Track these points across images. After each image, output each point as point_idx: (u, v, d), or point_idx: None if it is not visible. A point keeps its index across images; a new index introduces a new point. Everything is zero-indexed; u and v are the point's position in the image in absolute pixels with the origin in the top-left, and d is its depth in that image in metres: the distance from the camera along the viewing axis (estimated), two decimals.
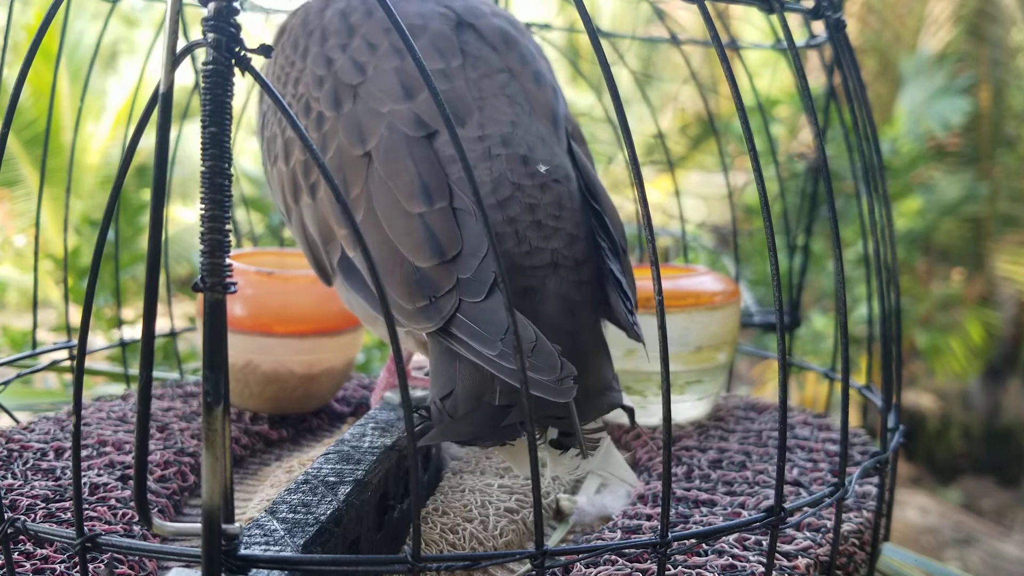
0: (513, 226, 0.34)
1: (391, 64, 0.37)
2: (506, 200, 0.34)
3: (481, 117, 0.36)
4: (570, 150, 0.38)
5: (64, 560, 0.34)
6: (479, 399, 0.32)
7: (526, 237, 0.34)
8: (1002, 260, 3.22)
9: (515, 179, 0.35)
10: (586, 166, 0.38)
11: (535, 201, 0.35)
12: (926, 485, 3.02)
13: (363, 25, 0.38)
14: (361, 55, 0.37)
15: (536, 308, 0.33)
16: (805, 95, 0.31)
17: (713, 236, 0.88)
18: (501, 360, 0.30)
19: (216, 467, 0.22)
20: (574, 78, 2.91)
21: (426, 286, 0.32)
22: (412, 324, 0.33)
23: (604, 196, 0.37)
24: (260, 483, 0.47)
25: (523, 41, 0.40)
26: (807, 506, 0.31)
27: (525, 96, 0.37)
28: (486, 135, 0.35)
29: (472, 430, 0.32)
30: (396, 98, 0.36)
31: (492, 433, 0.32)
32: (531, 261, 0.34)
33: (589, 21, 0.27)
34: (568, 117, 0.40)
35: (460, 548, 0.38)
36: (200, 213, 0.22)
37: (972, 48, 3.18)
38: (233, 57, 0.22)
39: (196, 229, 0.66)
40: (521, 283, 0.33)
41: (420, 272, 0.33)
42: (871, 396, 0.49)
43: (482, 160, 0.35)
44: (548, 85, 0.39)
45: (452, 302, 0.32)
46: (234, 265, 0.52)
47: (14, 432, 0.47)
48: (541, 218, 0.34)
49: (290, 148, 0.39)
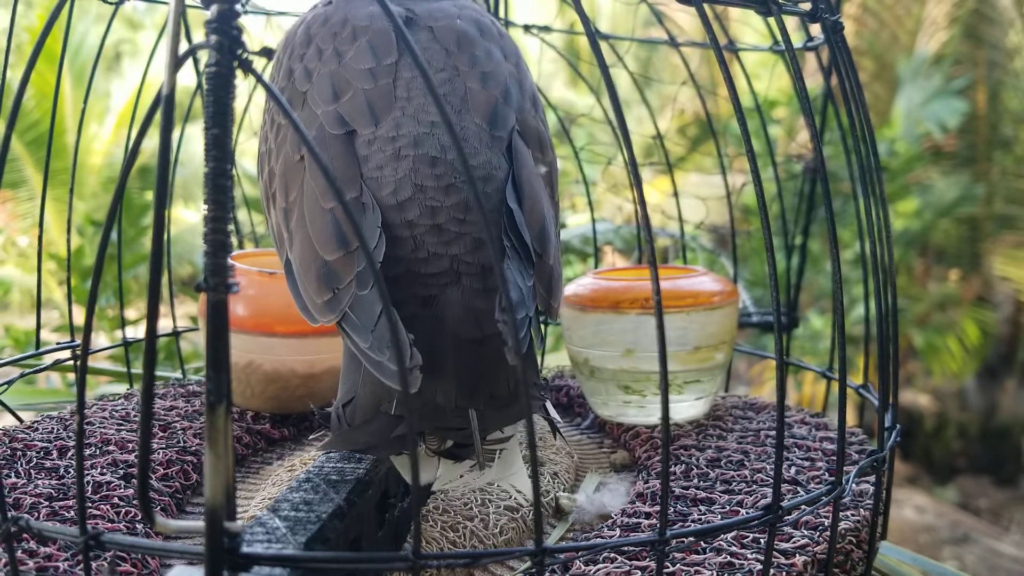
0: (411, 230, 0.34)
1: (330, 67, 0.37)
2: (406, 201, 0.34)
3: (401, 117, 0.36)
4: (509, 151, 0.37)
5: (67, 558, 0.34)
6: (377, 408, 0.32)
7: (424, 242, 0.33)
8: (998, 260, 3.23)
9: (418, 180, 0.34)
10: (524, 167, 0.36)
11: (437, 204, 0.34)
12: (923, 484, 3.03)
13: (319, 33, 0.39)
14: (311, 62, 0.38)
15: (438, 316, 0.33)
16: (803, 97, 0.32)
17: (711, 237, 0.88)
18: (371, 352, 0.30)
19: (219, 465, 0.22)
20: (573, 80, 2.92)
21: (331, 279, 0.33)
22: (321, 317, 0.33)
23: (531, 198, 0.35)
24: (262, 482, 0.48)
25: (483, 43, 0.39)
26: (804, 504, 0.31)
27: (462, 95, 0.37)
28: (400, 135, 0.35)
29: (367, 440, 0.33)
30: (327, 100, 0.36)
31: (387, 443, 0.32)
32: (428, 268, 0.33)
33: (588, 23, 0.27)
34: (527, 120, 0.38)
35: (461, 546, 0.38)
36: (203, 214, 0.22)
37: (969, 50, 3.18)
38: (235, 59, 0.22)
39: (198, 230, 0.67)
40: (421, 292, 0.33)
41: (327, 265, 0.33)
42: (868, 396, 0.49)
43: (391, 161, 0.35)
44: (499, 86, 0.38)
45: (350, 294, 0.32)
46: (236, 266, 0.53)
47: (18, 431, 0.47)
48: (442, 222, 0.34)
49: (262, 162, 0.40)
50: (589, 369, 0.52)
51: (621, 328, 0.50)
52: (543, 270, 0.35)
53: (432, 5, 0.40)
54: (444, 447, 0.33)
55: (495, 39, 0.40)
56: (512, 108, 0.38)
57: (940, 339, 3.00)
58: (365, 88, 0.36)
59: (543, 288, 0.34)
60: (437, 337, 0.32)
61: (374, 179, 0.34)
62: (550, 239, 0.35)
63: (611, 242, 0.97)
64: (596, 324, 0.51)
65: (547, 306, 0.35)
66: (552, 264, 0.35)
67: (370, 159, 0.35)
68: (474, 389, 0.32)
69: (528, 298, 0.33)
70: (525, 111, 0.39)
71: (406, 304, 0.33)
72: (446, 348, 0.32)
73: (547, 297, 0.35)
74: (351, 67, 0.37)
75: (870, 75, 3.20)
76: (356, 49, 0.37)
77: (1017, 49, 3.12)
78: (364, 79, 0.36)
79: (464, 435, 0.32)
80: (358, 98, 0.36)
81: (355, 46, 0.37)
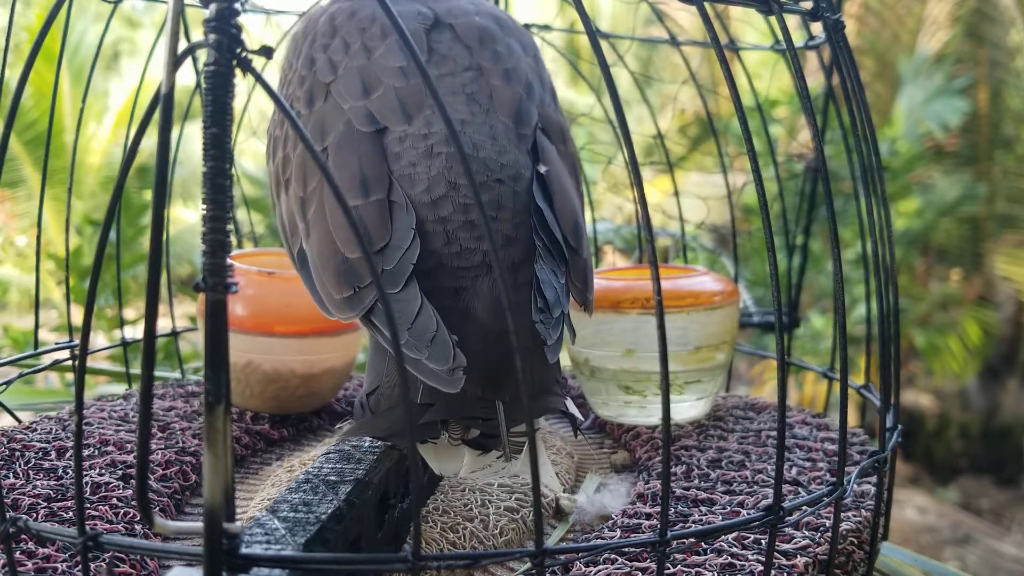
0: (444, 225, 0.34)
1: (357, 62, 0.37)
2: (440, 199, 0.34)
3: (432, 115, 0.36)
4: (534, 148, 0.37)
5: (66, 559, 0.34)
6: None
7: (457, 237, 0.34)
8: (1000, 260, 3.23)
9: (452, 178, 0.35)
10: (552, 164, 0.37)
11: (470, 201, 0.34)
12: (924, 484, 3.02)
13: (344, 26, 0.39)
14: (336, 54, 0.38)
15: (466, 308, 0.33)
16: (804, 96, 0.32)
17: (712, 236, 0.88)
18: (406, 349, 0.31)
19: (217, 466, 0.22)
20: (574, 79, 2.92)
21: (352, 276, 0.33)
22: (339, 313, 0.34)
23: (561, 194, 0.36)
24: (261, 482, 0.48)
25: (504, 38, 0.39)
26: (806, 505, 0.31)
27: (488, 93, 0.37)
28: (432, 132, 0.36)
29: (390, 427, 0.33)
30: (356, 95, 0.37)
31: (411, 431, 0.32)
32: (460, 262, 0.34)
33: (588, 22, 0.27)
34: (548, 115, 0.39)
35: (460, 547, 0.38)
36: (202, 214, 0.22)
37: (970, 49, 3.18)
38: (234, 58, 0.22)
39: (197, 229, 0.67)
40: (451, 283, 0.33)
41: (348, 263, 0.33)
42: (869, 396, 0.49)
43: (423, 158, 0.35)
44: (521, 82, 0.38)
45: (374, 292, 0.32)
46: (235, 265, 0.53)
47: (16, 431, 0.47)
48: (475, 218, 0.34)
49: (276, 147, 0.40)
50: (589, 369, 0.52)
51: (621, 328, 0.50)
52: (577, 265, 0.35)
53: (451, 3, 0.40)
54: (467, 436, 0.33)
55: (513, 33, 0.40)
56: (535, 103, 0.38)
57: (942, 339, 3.00)
58: (396, 86, 0.36)
59: (579, 282, 0.35)
60: (466, 328, 0.32)
61: (406, 176, 0.35)
62: (583, 234, 0.36)
63: (611, 242, 0.97)
64: (596, 324, 0.50)
65: (583, 299, 0.35)
66: (586, 259, 0.36)
67: (402, 156, 0.35)
68: (500, 381, 0.32)
69: (563, 296, 0.34)
70: (546, 104, 0.39)
71: (436, 295, 0.33)
72: (474, 339, 0.32)
73: (583, 290, 0.35)
74: (381, 64, 0.37)
75: (871, 74, 3.20)
76: (386, 47, 0.38)
77: (1019, 48, 3.12)
78: (395, 77, 0.37)
79: (490, 426, 0.32)
80: (389, 95, 0.36)
81: (385, 44, 0.38)
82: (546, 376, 0.34)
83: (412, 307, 0.31)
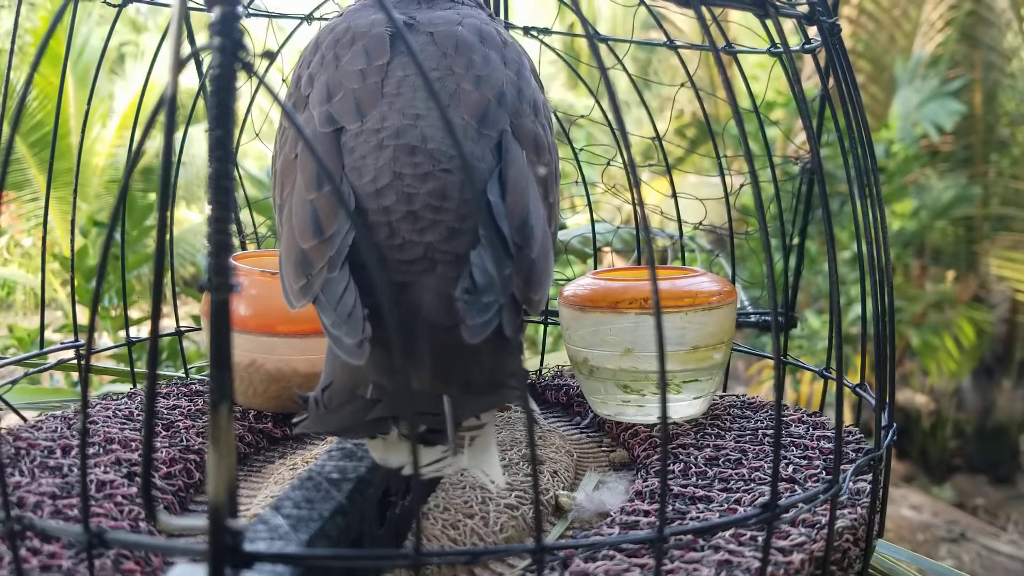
0: (387, 216, 0.34)
1: (328, 72, 0.39)
2: (384, 188, 0.35)
3: (387, 111, 0.37)
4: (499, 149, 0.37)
5: (71, 556, 0.34)
6: (353, 392, 0.33)
7: (398, 229, 0.34)
8: (995, 260, 3.24)
9: (397, 168, 0.35)
10: (513, 164, 0.36)
11: (413, 190, 0.35)
12: (920, 483, 3.03)
13: (324, 41, 0.41)
14: (315, 68, 0.40)
15: (414, 302, 0.33)
16: (800, 99, 0.32)
17: (710, 237, 0.88)
18: (332, 328, 0.32)
19: (221, 464, 0.22)
20: (573, 82, 2.92)
21: (306, 265, 0.34)
22: (296, 301, 0.34)
23: (513, 191, 0.35)
24: (264, 480, 0.48)
25: (483, 49, 0.40)
26: (802, 502, 0.32)
27: (452, 93, 0.38)
28: (384, 127, 0.36)
29: (340, 422, 0.33)
30: (321, 101, 0.38)
31: (360, 426, 0.33)
32: (403, 255, 0.34)
33: (587, 25, 0.27)
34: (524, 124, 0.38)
35: (461, 543, 0.38)
36: (207, 215, 0.22)
37: (965, 52, 3.19)
38: (237, 62, 0.23)
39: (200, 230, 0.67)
40: (397, 278, 0.34)
41: (303, 253, 0.34)
42: (865, 395, 0.49)
43: (373, 151, 0.36)
44: (492, 89, 0.38)
45: (322, 279, 0.33)
46: (239, 266, 0.53)
47: (22, 430, 0.47)
48: (417, 208, 0.34)
49: (273, 163, 0.42)
50: (588, 368, 0.52)
51: (620, 328, 0.50)
52: (523, 262, 0.34)
53: (435, 13, 0.41)
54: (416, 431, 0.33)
55: (496, 47, 0.40)
56: (507, 111, 0.38)
57: (936, 339, 3.01)
58: (354, 88, 0.38)
59: (521, 280, 0.34)
60: (413, 323, 0.33)
61: (356, 168, 0.36)
62: (533, 234, 0.35)
63: (610, 243, 0.98)
64: (595, 324, 0.51)
65: (526, 298, 0.34)
66: (534, 258, 0.35)
67: (355, 151, 0.36)
68: (448, 375, 0.33)
69: (499, 286, 0.33)
70: (523, 115, 0.39)
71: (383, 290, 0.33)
72: (421, 334, 0.32)
73: (525, 289, 0.34)
74: (345, 69, 0.39)
75: (867, 77, 3.21)
76: (352, 53, 0.39)
77: (1013, 51, 3.13)
78: (354, 79, 0.38)
79: (438, 420, 0.32)
80: (347, 97, 0.38)
81: (352, 50, 0.39)
82: (500, 369, 0.33)
83: (339, 287, 0.32)
